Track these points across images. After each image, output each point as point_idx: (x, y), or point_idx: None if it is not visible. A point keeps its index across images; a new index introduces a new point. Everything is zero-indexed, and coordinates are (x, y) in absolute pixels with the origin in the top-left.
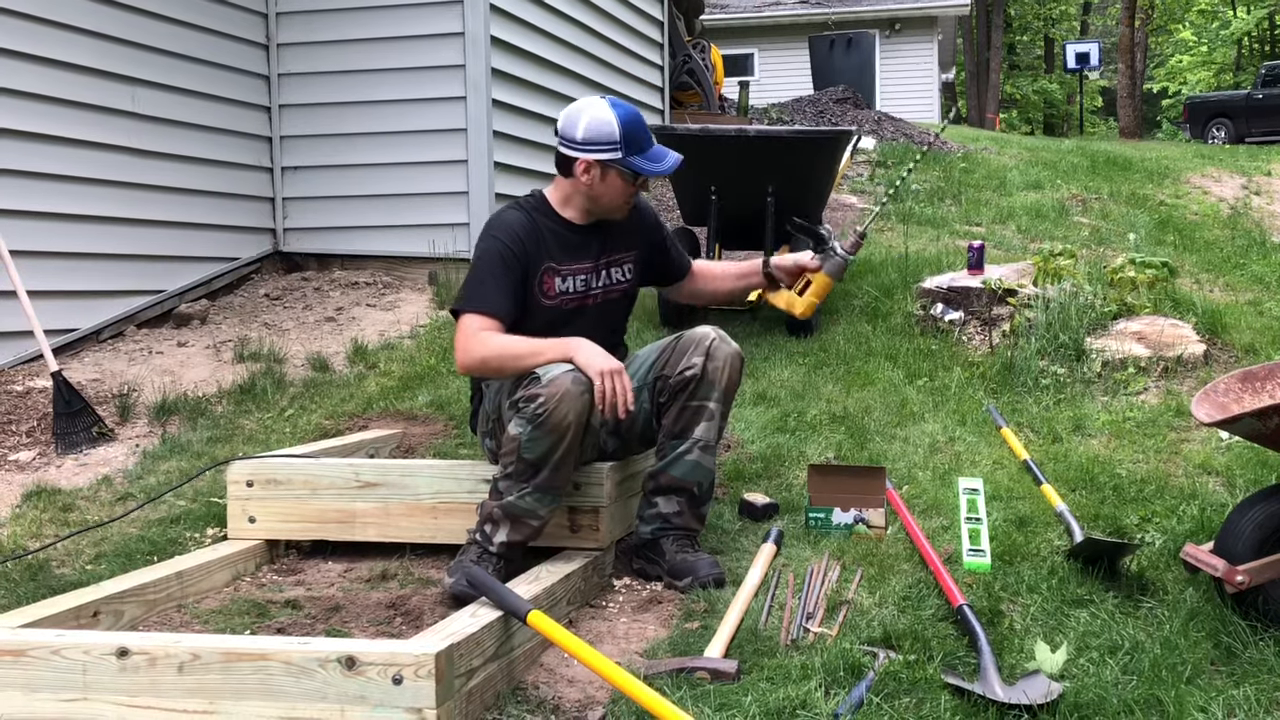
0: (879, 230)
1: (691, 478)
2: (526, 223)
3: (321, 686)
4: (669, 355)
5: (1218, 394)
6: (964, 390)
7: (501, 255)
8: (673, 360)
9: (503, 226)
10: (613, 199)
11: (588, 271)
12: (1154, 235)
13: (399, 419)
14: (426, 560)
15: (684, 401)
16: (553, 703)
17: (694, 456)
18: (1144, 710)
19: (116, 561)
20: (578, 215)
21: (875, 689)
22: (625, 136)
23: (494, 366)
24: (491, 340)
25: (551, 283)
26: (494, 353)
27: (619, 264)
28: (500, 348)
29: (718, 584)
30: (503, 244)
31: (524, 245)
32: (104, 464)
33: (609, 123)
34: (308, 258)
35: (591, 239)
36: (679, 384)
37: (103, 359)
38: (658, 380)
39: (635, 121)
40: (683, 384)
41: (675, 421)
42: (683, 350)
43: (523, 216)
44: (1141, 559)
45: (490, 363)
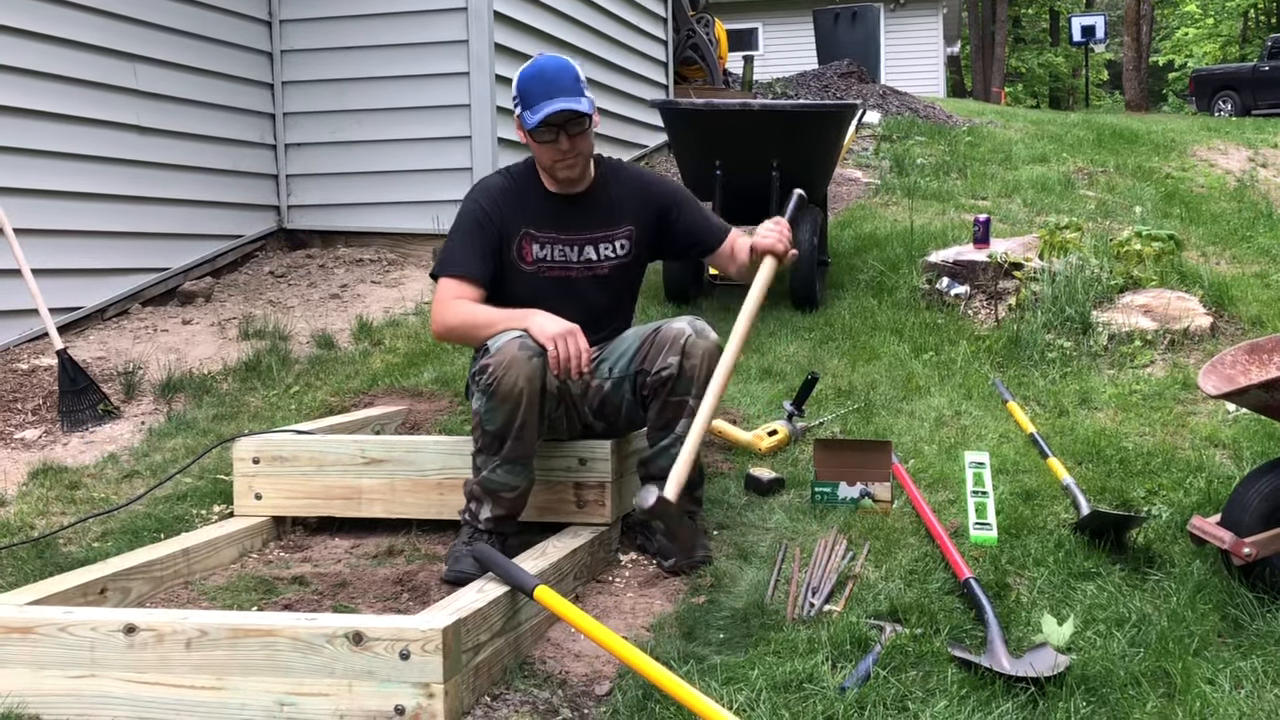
0: (884, 204)
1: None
2: (507, 186)
3: (329, 662)
4: (648, 349)
5: (1224, 366)
6: (970, 364)
7: (476, 218)
8: (650, 356)
9: (481, 189)
10: (541, 159)
11: (567, 244)
12: (1160, 208)
13: (404, 396)
14: (433, 536)
15: (665, 397)
16: (560, 677)
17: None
18: (1151, 682)
19: (123, 539)
20: (550, 181)
21: (882, 662)
22: (521, 89)
23: (459, 334)
24: (460, 308)
25: (529, 248)
26: (459, 321)
27: (610, 239)
28: (465, 316)
29: (702, 564)
30: (478, 206)
31: (500, 208)
32: (110, 441)
33: (516, 76)
34: (312, 235)
35: (576, 211)
36: (657, 382)
37: (108, 337)
38: (638, 374)
39: (534, 71)
40: (660, 382)
41: (659, 416)
42: (659, 347)
43: (504, 180)
44: (1148, 531)
45: (455, 331)
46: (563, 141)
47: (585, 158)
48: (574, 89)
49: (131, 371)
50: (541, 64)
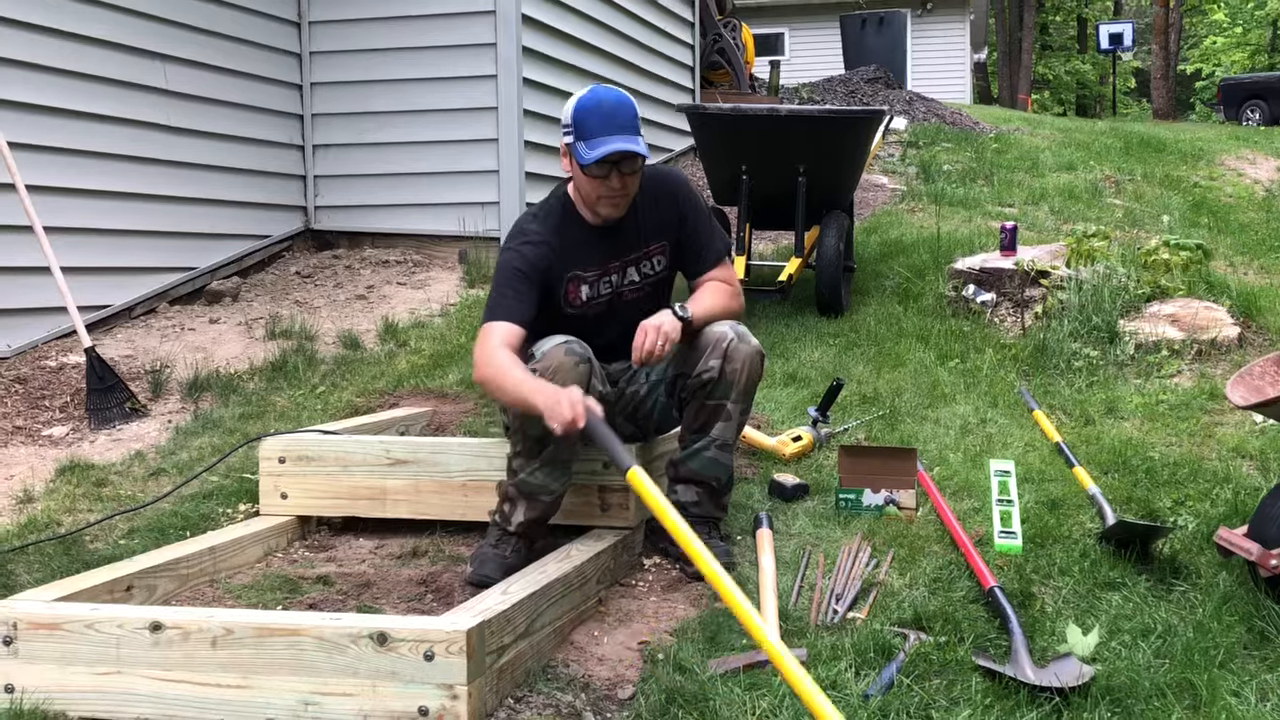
0: (911, 211)
1: (709, 473)
2: (543, 233)
3: (353, 662)
4: (688, 352)
5: (1253, 377)
6: (996, 372)
7: (519, 269)
8: (691, 359)
9: (521, 239)
10: (584, 190)
11: (610, 273)
12: (1188, 217)
13: (429, 397)
14: (457, 538)
15: (702, 400)
16: (582, 680)
17: (711, 454)
18: (1176, 694)
19: (149, 536)
20: (589, 214)
21: (906, 670)
22: (577, 119)
23: (491, 388)
24: (496, 361)
25: (577, 291)
26: (491, 375)
27: (648, 258)
28: (498, 373)
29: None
30: (521, 257)
31: (542, 258)
32: (137, 439)
33: (571, 105)
34: (339, 235)
35: (614, 237)
36: (696, 385)
37: (135, 335)
38: (678, 378)
39: (593, 104)
40: (700, 385)
41: (695, 418)
42: (701, 350)
43: (538, 226)
44: (1174, 542)
45: (488, 383)
46: (614, 180)
47: (630, 198)
48: (631, 127)
49: (159, 370)
50: (600, 96)
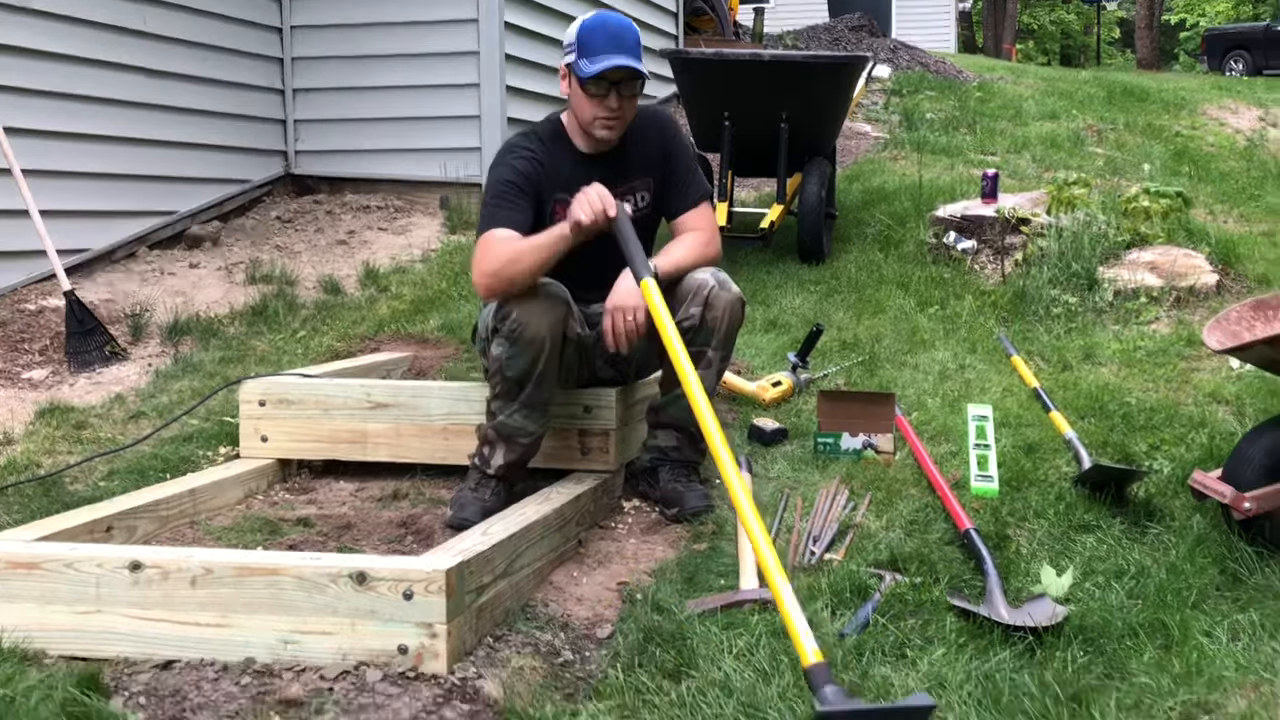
0: (893, 159)
1: (689, 419)
2: (534, 150)
3: (333, 601)
4: (669, 300)
5: (1230, 322)
6: (975, 318)
7: (511, 180)
8: (671, 306)
9: (511, 154)
10: (582, 112)
11: None
12: (1169, 166)
13: (410, 342)
14: (438, 480)
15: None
16: (561, 620)
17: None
18: (1148, 634)
19: (129, 478)
20: (582, 140)
21: (881, 610)
22: (581, 37)
23: (507, 273)
24: (500, 250)
25: (562, 213)
26: (501, 262)
27: (633, 192)
28: (508, 255)
29: (704, 512)
30: (511, 169)
31: (532, 174)
32: (116, 383)
33: (576, 25)
34: (319, 181)
35: (603, 168)
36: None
37: (115, 279)
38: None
39: (598, 23)
40: (681, 332)
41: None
42: (681, 297)
43: (532, 144)
44: (1149, 486)
45: (501, 271)
46: (613, 99)
47: (626, 122)
48: (635, 50)
49: (138, 314)
50: (606, 16)
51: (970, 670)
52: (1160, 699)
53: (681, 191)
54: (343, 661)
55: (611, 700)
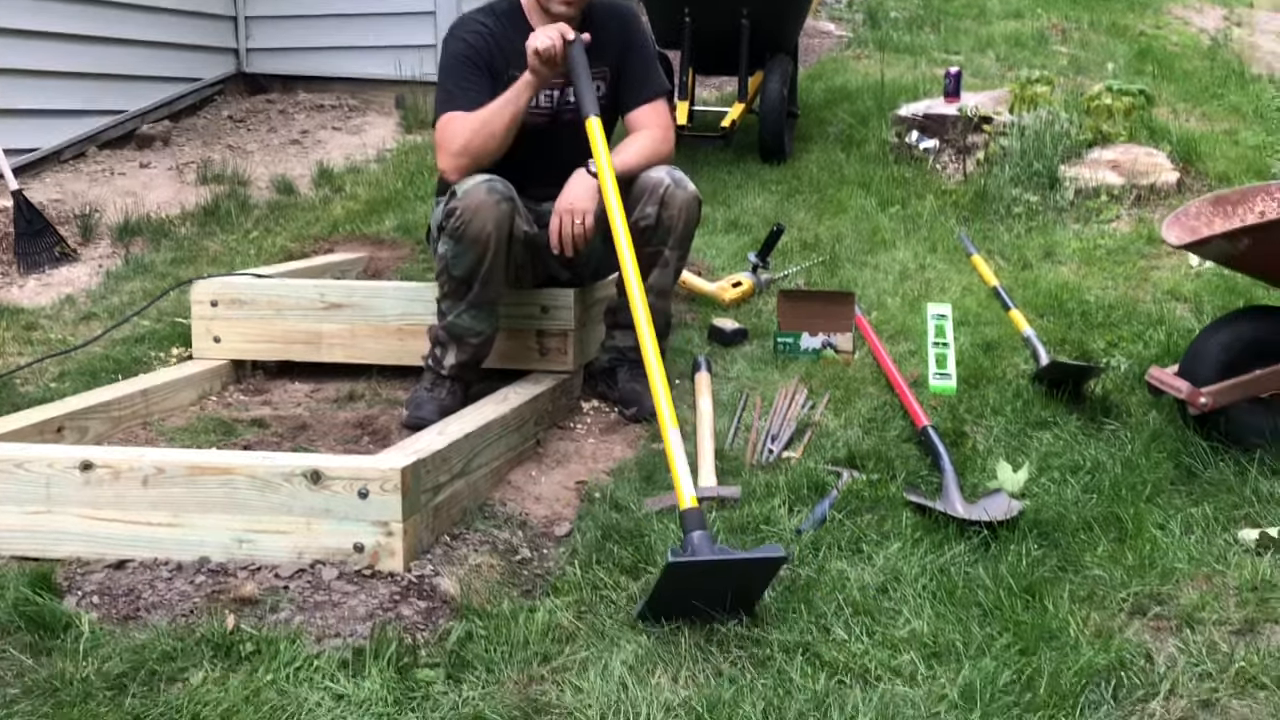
0: (856, 58)
1: None
2: (492, 26)
3: (287, 500)
4: (623, 199)
5: (1189, 217)
6: (936, 218)
7: (467, 56)
8: (627, 206)
9: (465, 28)
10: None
11: (555, 87)
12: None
13: (365, 243)
14: (394, 381)
15: (640, 247)
16: (519, 519)
17: (649, 301)
18: (1103, 528)
19: (80, 379)
20: (540, 19)
21: (838, 506)
22: None
23: (477, 145)
24: (465, 122)
25: None
26: (471, 132)
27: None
28: (475, 123)
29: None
30: (466, 44)
31: (488, 48)
32: (67, 284)
33: None
34: (271, 79)
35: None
36: (634, 232)
37: (64, 179)
38: None
39: None
40: (638, 232)
41: None
42: (637, 197)
43: (487, 19)
44: (1106, 382)
45: (472, 141)
46: None
47: (584, 1)
48: None
49: (88, 214)
50: None
51: (925, 564)
52: (1113, 591)
53: (638, 86)
54: (298, 560)
55: (569, 596)
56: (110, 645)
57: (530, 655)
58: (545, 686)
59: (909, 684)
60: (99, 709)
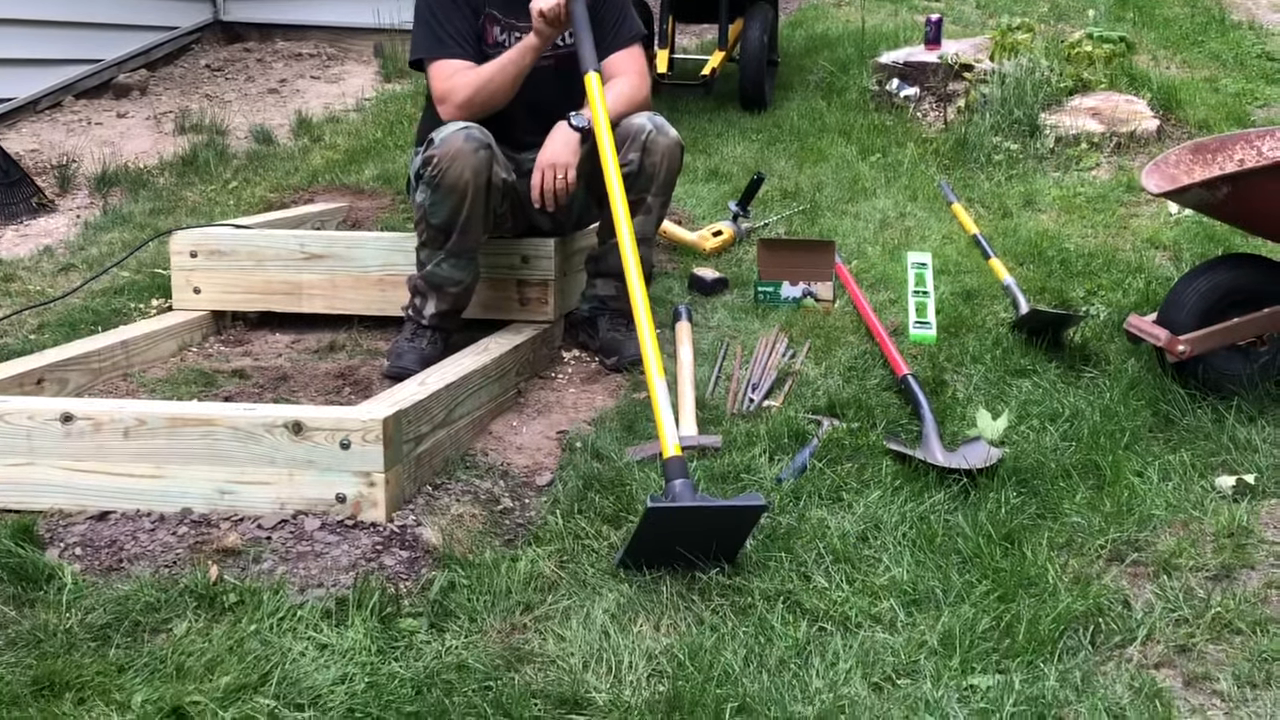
0: (837, 5)
1: None
2: None
3: (269, 451)
4: None
5: (1168, 165)
6: (916, 166)
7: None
8: None
9: None
10: None
11: (522, 31)
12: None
13: (345, 193)
14: (374, 332)
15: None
16: (501, 469)
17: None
18: (1081, 474)
19: (60, 331)
20: None
21: (819, 455)
22: None
23: (481, 99)
24: (469, 76)
25: (490, 32)
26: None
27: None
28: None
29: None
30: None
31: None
32: (45, 235)
33: None
34: (249, 28)
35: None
36: None
37: (40, 129)
38: (595, 172)
39: None
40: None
41: None
42: (619, 143)
43: None
44: (1085, 330)
45: (476, 97)
46: None
47: None
48: None
49: (66, 165)
50: None
51: (905, 512)
52: (1091, 537)
53: (612, 31)
54: (281, 511)
55: (551, 545)
56: (93, 597)
57: (512, 604)
58: (527, 635)
59: (889, 631)
60: (83, 660)
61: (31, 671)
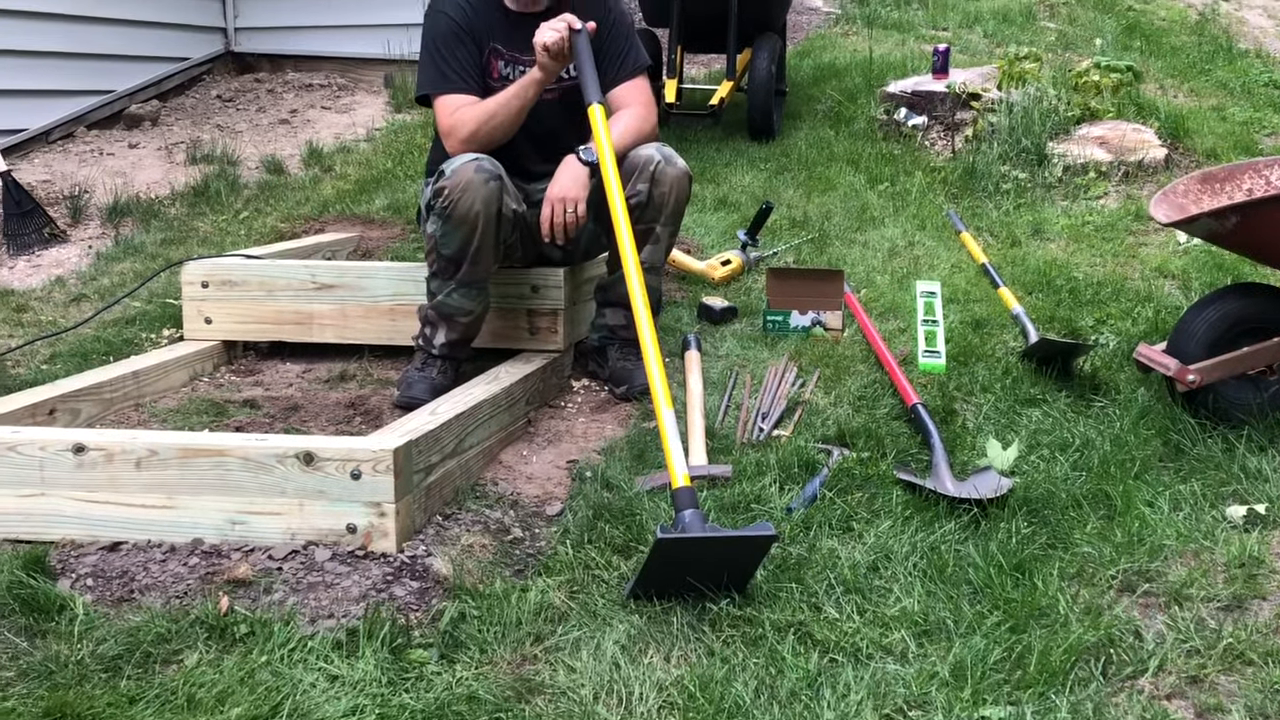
0: (844, 34)
1: None
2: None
3: (280, 481)
4: None
5: (1176, 195)
6: (925, 195)
7: (452, 30)
8: None
9: (445, 3)
10: None
11: (526, 65)
12: (1121, 40)
13: (356, 223)
14: (385, 361)
15: (631, 224)
16: (511, 498)
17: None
18: (1092, 504)
19: (72, 361)
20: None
21: (829, 485)
22: None
23: (485, 135)
24: (472, 112)
25: (495, 65)
26: (478, 123)
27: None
28: (483, 114)
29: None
30: (449, 19)
31: (469, 20)
32: (57, 265)
33: None
34: (260, 58)
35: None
36: None
37: (53, 160)
38: (604, 201)
39: None
40: (628, 209)
41: None
42: (627, 174)
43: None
44: (1095, 359)
45: (480, 133)
46: None
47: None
48: None
49: (77, 195)
50: None
51: (916, 542)
52: (1102, 568)
53: (618, 61)
54: (291, 541)
55: (561, 576)
56: (105, 628)
57: (523, 635)
58: (538, 666)
59: (900, 662)
60: (94, 691)
61: (43, 703)
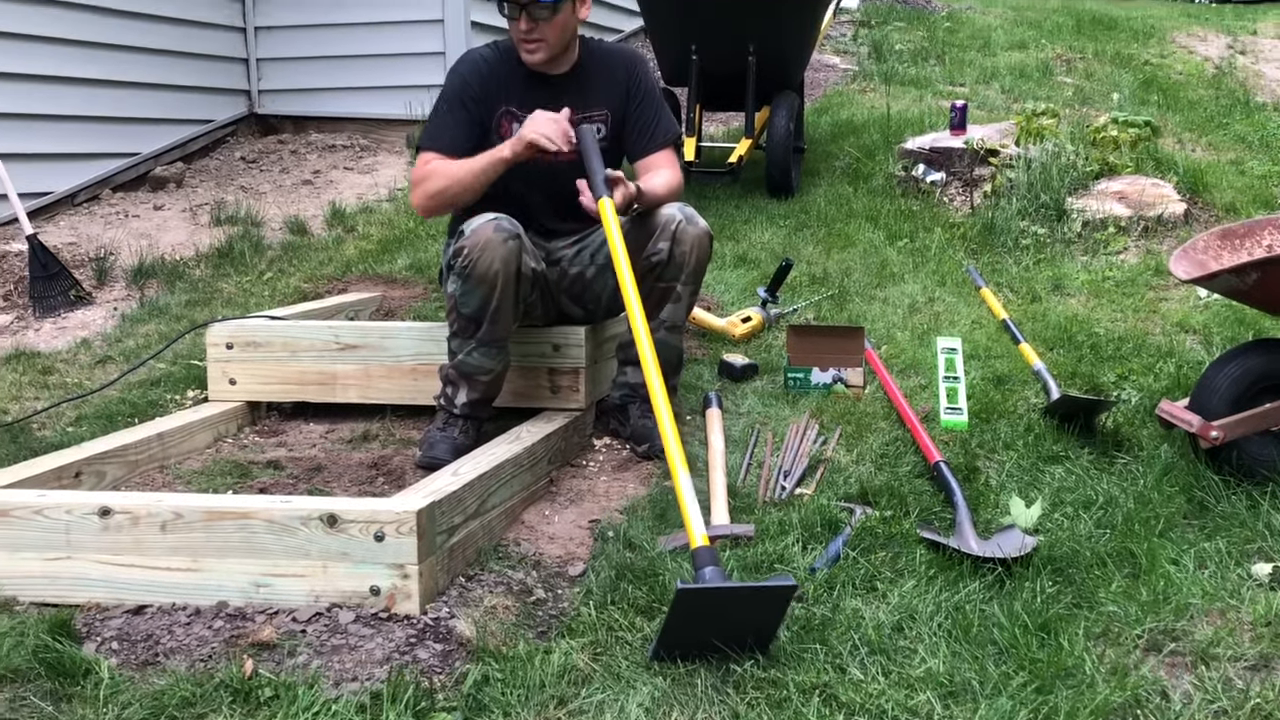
0: (862, 91)
1: (659, 355)
2: (492, 60)
3: (304, 543)
4: (635, 235)
5: (1196, 251)
6: (944, 251)
7: (460, 92)
8: (639, 240)
9: (466, 63)
10: (512, 35)
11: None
12: (1138, 95)
13: (378, 282)
14: (408, 421)
15: (652, 283)
16: (534, 559)
17: (661, 336)
18: (1116, 562)
19: (97, 423)
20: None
21: (852, 544)
22: None
23: (444, 196)
24: (437, 170)
25: (509, 128)
26: (440, 184)
27: (589, 121)
28: (443, 175)
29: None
30: (462, 80)
31: (484, 82)
32: (82, 327)
33: None
34: (283, 120)
35: (556, 92)
36: (646, 267)
37: (78, 222)
38: None
39: None
40: (650, 268)
41: (645, 301)
42: (649, 233)
43: (489, 54)
44: (1117, 416)
45: (439, 193)
46: (523, 22)
47: (549, 45)
48: None
49: (103, 257)
50: None
51: (940, 602)
52: (1128, 627)
53: (649, 132)
54: (315, 603)
55: (585, 637)
56: (130, 691)
57: (546, 698)
58: None
59: None
60: None
61: None
